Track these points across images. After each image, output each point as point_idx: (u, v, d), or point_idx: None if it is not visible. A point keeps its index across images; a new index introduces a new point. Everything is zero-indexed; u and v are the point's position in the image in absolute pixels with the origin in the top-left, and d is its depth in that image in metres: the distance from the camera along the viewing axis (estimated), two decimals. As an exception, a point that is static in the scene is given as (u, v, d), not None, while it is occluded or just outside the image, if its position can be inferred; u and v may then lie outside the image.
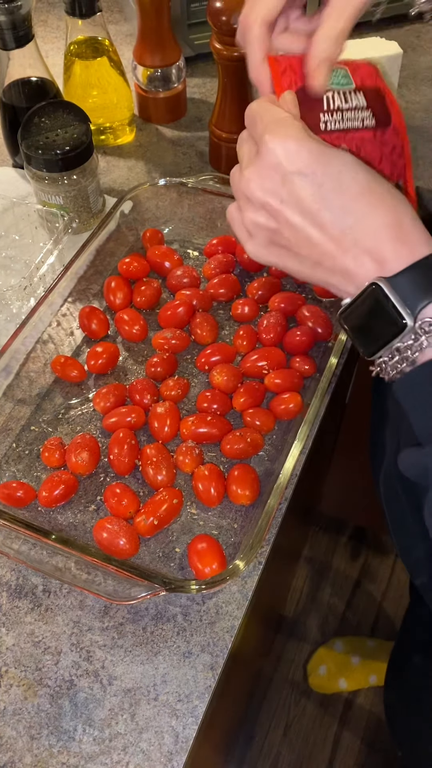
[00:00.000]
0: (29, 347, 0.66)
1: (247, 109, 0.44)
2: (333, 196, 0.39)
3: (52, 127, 0.72)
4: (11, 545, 0.55)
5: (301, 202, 0.40)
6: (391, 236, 0.39)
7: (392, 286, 0.38)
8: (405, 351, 0.39)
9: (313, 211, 0.39)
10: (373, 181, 0.40)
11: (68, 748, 0.49)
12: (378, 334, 0.40)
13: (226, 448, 0.61)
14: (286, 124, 0.41)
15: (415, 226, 0.40)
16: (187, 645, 0.53)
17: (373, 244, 0.39)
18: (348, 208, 0.39)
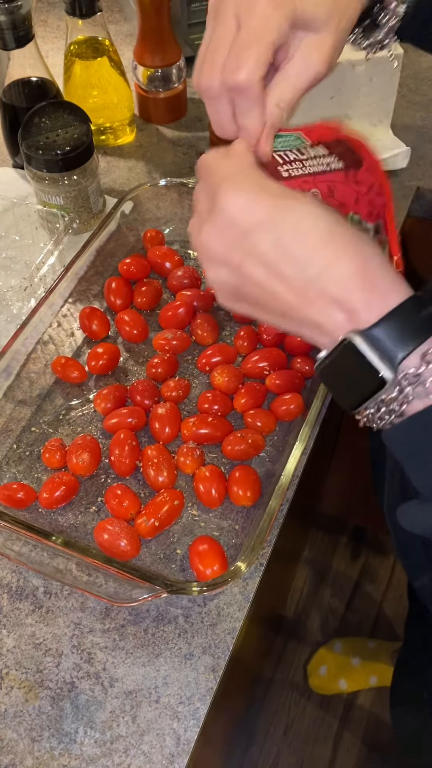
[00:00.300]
0: (30, 348, 0.65)
1: (199, 161, 0.43)
2: (293, 248, 0.38)
3: (52, 128, 0.72)
4: (12, 547, 0.54)
5: (261, 257, 0.38)
6: (359, 285, 0.37)
7: (367, 339, 0.36)
8: (390, 403, 0.37)
9: (274, 265, 0.38)
10: (335, 228, 0.38)
11: (69, 751, 0.49)
12: (358, 388, 0.38)
13: (227, 449, 0.61)
14: (239, 178, 0.39)
15: (384, 272, 0.38)
16: (189, 647, 0.52)
17: (340, 294, 0.37)
18: (310, 258, 0.37)
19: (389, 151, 0.85)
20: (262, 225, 0.38)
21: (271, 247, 0.38)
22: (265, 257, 0.38)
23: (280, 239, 0.38)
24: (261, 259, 0.38)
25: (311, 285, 0.37)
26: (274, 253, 0.38)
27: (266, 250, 0.38)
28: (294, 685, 1.35)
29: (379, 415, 0.38)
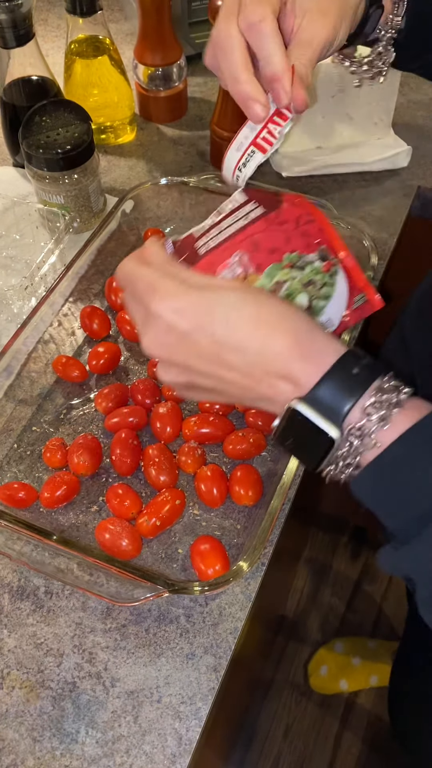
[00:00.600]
0: (30, 347, 0.65)
1: (119, 272, 0.45)
2: (229, 339, 0.40)
3: (53, 126, 0.72)
4: (13, 546, 0.54)
5: (204, 353, 0.41)
6: (295, 356, 0.39)
7: (309, 404, 0.39)
8: (346, 458, 0.39)
9: (217, 357, 0.40)
10: (261, 309, 0.40)
11: (71, 751, 0.48)
12: (313, 449, 0.40)
13: (228, 449, 0.60)
14: (164, 283, 0.41)
15: (314, 339, 0.40)
16: (190, 647, 0.52)
17: (281, 369, 0.40)
18: (246, 345, 0.40)
19: (390, 150, 0.85)
20: (195, 326, 0.40)
21: (210, 343, 0.40)
22: (207, 353, 0.41)
23: (215, 335, 0.40)
24: (204, 355, 0.41)
25: (254, 367, 0.40)
26: (214, 347, 0.40)
27: (206, 346, 0.40)
28: (294, 684, 1.35)
29: (339, 470, 0.40)
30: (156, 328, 0.41)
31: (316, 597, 1.45)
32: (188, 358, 0.41)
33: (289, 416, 0.40)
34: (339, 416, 0.38)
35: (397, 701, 0.86)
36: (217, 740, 0.87)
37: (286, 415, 0.40)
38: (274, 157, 0.86)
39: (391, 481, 0.38)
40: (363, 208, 0.82)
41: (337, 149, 0.86)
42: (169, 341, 0.41)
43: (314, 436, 0.39)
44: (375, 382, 0.38)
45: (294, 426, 0.40)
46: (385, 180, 0.85)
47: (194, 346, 0.41)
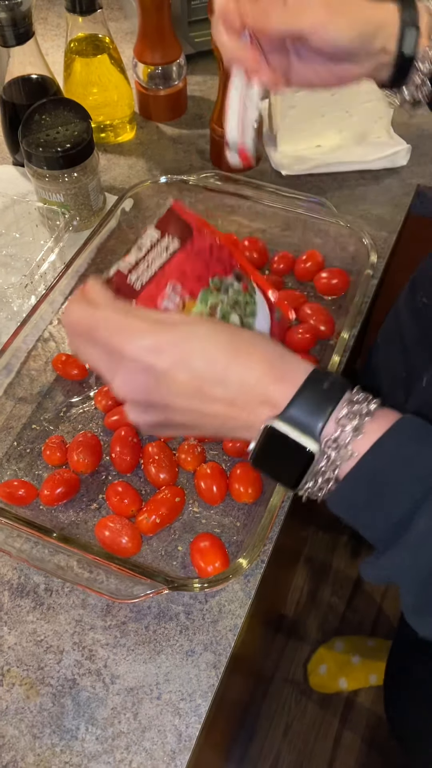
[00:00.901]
0: (30, 345, 0.65)
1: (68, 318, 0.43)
2: (209, 372, 0.40)
3: (52, 125, 0.72)
4: (13, 544, 0.54)
5: (182, 389, 0.40)
6: (271, 380, 0.40)
7: (285, 421, 0.39)
8: (325, 472, 0.39)
9: (197, 391, 0.40)
10: (234, 338, 0.41)
11: (71, 747, 0.48)
12: (291, 467, 0.40)
13: (228, 446, 0.61)
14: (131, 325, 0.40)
15: (284, 360, 0.41)
16: (190, 643, 0.52)
17: (261, 394, 0.40)
18: (226, 376, 0.40)
19: (390, 148, 0.85)
20: (175, 362, 0.40)
21: (190, 378, 0.40)
22: (187, 389, 0.40)
23: (195, 369, 0.40)
24: (184, 392, 0.40)
25: (238, 396, 0.40)
26: (195, 382, 0.40)
27: (187, 382, 0.40)
28: (294, 683, 1.35)
29: (318, 486, 0.40)
30: (130, 371, 0.40)
31: (315, 596, 1.45)
32: (166, 396, 0.41)
33: (267, 435, 0.40)
34: (315, 430, 0.39)
35: (392, 699, 0.86)
36: (217, 738, 0.87)
37: (263, 435, 0.40)
38: (274, 156, 0.86)
39: (368, 491, 0.38)
40: (362, 207, 0.82)
41: (337, 148, 0.86)
42: (146, 382, 0.40)
43: (293, 452, 0.39)
44: (345, 394, 0.40)
45: (272, 445, 0.40)
46: (385, 178, 0.86)
47: (174, 384, 0.40)
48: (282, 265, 0.74)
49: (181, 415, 0.42)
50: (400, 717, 0.84)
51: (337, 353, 0.61)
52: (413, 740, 0.81)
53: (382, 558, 0.38)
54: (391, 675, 0.87)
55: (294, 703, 1.33)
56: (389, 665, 0.88)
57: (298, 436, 0.39)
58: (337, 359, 0.61)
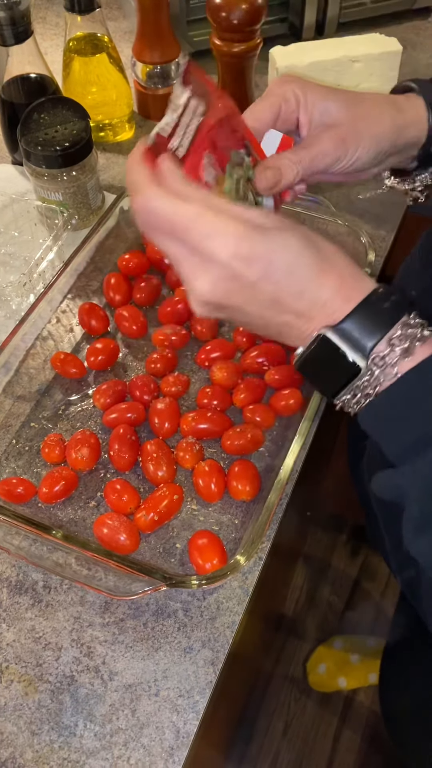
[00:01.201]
0: (29, 344, 0.66)
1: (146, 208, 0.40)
2: (290, 287, 0.40)
3: (51, 124, 0.72)
4: (12, 541, 0.54)
5: (261, 298, 0.41)
6: (341, 298, 0.41)
7: (339, 333, 0.40)
8: (365, 388, 0.41)
9: (273, 303, 0.41)
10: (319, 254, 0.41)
11: (69, 744, 0.49)
12: (334, 378, 0.42)
13: (226, 444, 0.61)
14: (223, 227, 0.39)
15: (356, 279, 0.41)
16: (188, 640, 0.53)
17: (329, 310, 0.41)
18: (302, 292, 0.41)
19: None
20: (263, 275, 0.40)
21: (273, 290, 0.40)
22: (266, 299, 0.41)
23: (279, 283, 0.40)
24: (262, 301, 0.41)
25: (308, 310, 0.41)
26: (275, 294, 0.41)
27: (268, 293, 0.40)
28: (294, 682, 1.35)
29: (355, 400, 0.41)
30: (216, 277, 0.40)
31: (315, 595, 1.45)
32: (243, 304, 0.41)
33: (319, 343, 0.41)
34: (366, 347, 0.40)
35: (387, 698, 0.86)
36: (216, 736, 0.87)
37: (315, 343, 0.41)
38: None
39: (402, 406, 0.39)
40: (360, 206, 0.82)
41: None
42: (230, 289, 0.40)
43: (339, 364, 0.40)
44: (402, 317, 0.40)
45: (321, 353, 0.41)
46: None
47: (256, 294, 0.40)
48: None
49: (249, 318, 0.42)
50: (394, 715, 0.85)
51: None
52: (408, 738, 0.81)
53: (398, 471, 0.40)
54: (385, 673, 0.87)
55: (293, 702, 1.33)
56: (383, 664, 0.88)
57: (348, 350, 0.40)
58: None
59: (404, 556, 0.56)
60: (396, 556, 0.59)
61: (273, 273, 0.40)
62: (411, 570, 0.56)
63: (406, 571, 0.57)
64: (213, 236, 0.39)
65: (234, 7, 0.71)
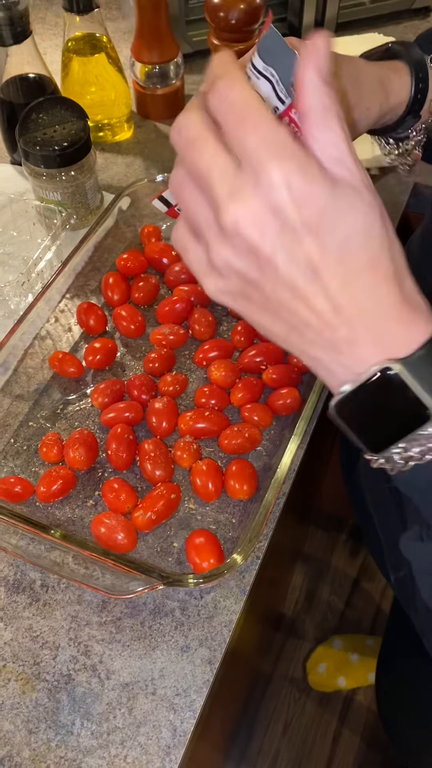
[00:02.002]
0: (27, 343, 0.66)
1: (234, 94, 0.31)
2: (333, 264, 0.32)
3: (49, 124, 0.72)
4: (9, 540, 0.55)
5: (301, 256, 0.32)
6: (397, 316, 0.32)
7: (412, 370, 0.32)
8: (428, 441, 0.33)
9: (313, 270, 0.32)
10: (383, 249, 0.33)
11: (66, 742, 0.49)
12: (392, 426, 0.33)
13: (224, 443, 0.61)
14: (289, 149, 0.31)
15: (420, 300, 0.34)
16: (185, 639, 0.53)
17: (375, 322, 0.32)
18: (350, 279, 0.32)
19: (386, 147, 0.85)
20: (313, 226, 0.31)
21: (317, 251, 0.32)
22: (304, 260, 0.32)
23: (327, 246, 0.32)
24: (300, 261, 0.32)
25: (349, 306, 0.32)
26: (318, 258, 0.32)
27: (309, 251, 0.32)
28: (293, 681, 1.35)
29: (408, 455, 0.34)
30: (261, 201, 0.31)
31: (314, 594, 1.45)
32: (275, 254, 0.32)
33: (380, 381, 0.32)
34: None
35: (384, 697, 0.87)
36: (214, 735, 0.87)
37: (374, 378, 0.32)
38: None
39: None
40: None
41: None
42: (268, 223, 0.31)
43: (404, 408, 0.33)
44: None
45: (379, 395, 0.32)
46: (381, 177, 0.86)
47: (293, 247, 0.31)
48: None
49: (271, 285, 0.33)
50: (392, 714, 0.85)
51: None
52: (406, 737, 0.81)
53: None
54: (382, 673, 0.87)
55: (293, 702, 1.33)
56: (380, 663, 0.88)
57: (421, 392, 0.32)
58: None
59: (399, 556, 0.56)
60: (390, 556, 0.59)
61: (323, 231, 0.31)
62: (404, 570, 0.56)
63: (399, 570, 0.57)
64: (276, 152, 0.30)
65: (232, 7, 0.71)
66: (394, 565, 0.59)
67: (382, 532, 0.60)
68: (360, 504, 0.67)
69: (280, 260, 0.32)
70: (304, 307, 0.33)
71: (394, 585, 0.60)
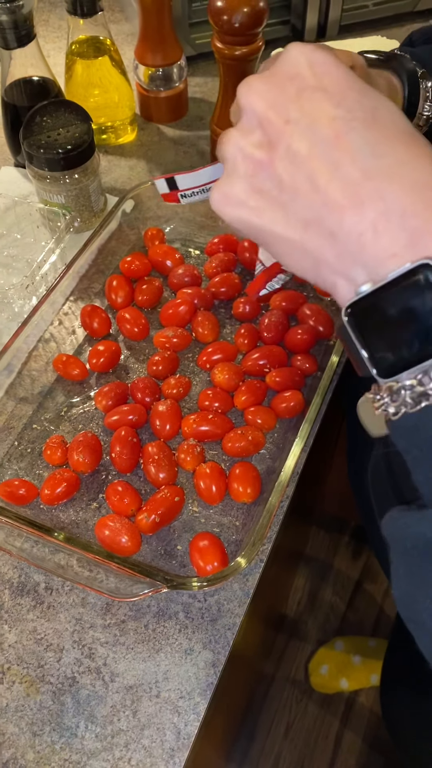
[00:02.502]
0: (31, 346, 0.66)
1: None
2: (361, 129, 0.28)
3: (53, 127, 0.72)
4: (14, 543, 0.55)
5: (314, 126, 0.28)
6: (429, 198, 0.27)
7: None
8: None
9: (327, 142, 0.28)
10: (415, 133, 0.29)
11: (70, 745, 0.49)
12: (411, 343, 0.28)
13: (227, 446, 0.61)
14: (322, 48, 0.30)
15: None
16: (189, 642, 0.53)
17: (406, 204, 0.27)
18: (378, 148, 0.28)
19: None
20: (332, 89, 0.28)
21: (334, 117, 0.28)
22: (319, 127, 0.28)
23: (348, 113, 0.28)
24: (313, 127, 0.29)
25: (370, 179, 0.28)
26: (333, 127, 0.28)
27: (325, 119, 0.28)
28: (295, 683, 1.35)
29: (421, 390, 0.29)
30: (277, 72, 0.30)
31: (317, 596, 1.45)
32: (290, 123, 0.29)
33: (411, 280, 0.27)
34: None
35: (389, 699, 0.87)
36: (217, 737, 0.88)
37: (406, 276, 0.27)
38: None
39: None
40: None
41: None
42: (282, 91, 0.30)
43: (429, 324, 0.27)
44: None
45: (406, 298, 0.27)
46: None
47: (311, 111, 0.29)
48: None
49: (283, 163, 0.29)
50: (396, 717, 0.85)
51: (336, 354, 0.62)
52: (409, 740, 0.81)
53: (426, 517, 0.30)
54: (386, 675, 0.87)
55: (295, 703, 1.33)
56: (385, 665, 0.88)
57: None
58: (336, 360, 0.61)
59: None
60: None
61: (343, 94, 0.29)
62: None
63: None
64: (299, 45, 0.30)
65: (236, 11, 0.71)
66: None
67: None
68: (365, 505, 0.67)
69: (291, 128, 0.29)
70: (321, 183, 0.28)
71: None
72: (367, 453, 0.64)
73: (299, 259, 0.31)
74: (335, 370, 0.61)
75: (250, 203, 0.32)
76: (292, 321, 0.70)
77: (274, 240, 0.32)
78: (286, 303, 0.70)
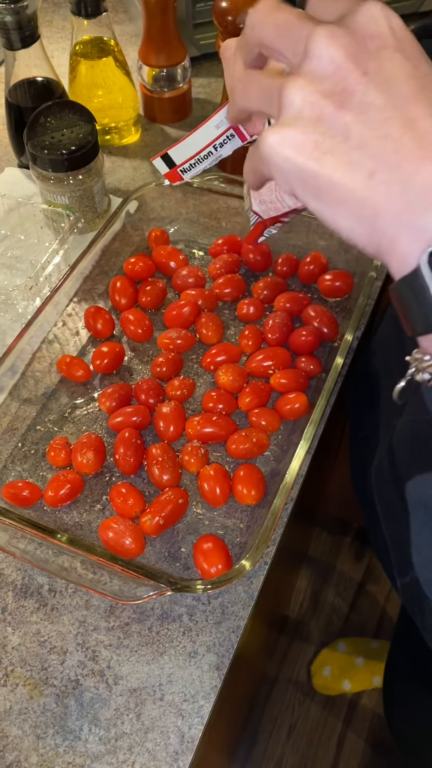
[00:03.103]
0: (35, 347, 0.66)
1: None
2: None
3: (57, 127, 0.72)
4: (17, 545, 0.55)
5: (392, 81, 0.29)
6: None
7: None
8: None
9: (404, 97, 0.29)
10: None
11: (74, 748, 0.49)
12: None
13: (231, 448, 0.61)
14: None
15: None
16: (193, 645, 0.53)
17: None
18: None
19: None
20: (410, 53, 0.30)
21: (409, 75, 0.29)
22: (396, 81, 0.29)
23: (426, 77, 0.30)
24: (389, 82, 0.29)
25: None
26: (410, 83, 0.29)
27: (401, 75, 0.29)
28: (298, 685, 1.35)
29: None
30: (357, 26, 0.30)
31: (319, 597, 1.45)
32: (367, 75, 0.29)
33: None
34: None
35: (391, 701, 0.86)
36: (220, 739, 0.87)
37: None
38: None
39: None
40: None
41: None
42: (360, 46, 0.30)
43: None
44: None
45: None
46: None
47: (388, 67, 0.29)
48: (286, 268, 0.74)
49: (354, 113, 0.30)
50: (399, 719, 0.85)
51: (341, 355, 0.61)
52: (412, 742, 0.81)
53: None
54: (389, 676, 0.87)
55: (297, 705, 1.33)
56: (388, 667, 0.88)
57: None
58: (341, 361, 0.61)
59: (406, 558, 0.56)
60: (398, 558, 0.59)
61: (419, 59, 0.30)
62: (412, 573, 0.56)
63: (405, 575, 0.57)
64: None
65: (240, 11, 0.71)
66: (400, 569, 0.59)
67: (389, 536, 0.59)
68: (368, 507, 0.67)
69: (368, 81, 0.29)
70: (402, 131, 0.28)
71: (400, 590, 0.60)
72: (370, 454, 0.64)
73: (353, 210, 0.30)
74: (340, 372, 0.61)
75: (309, 148, 0.30)
76: (296, 322, 0.70)
77: (330, 188, 0.30)
78: (290, 304, 0.70)
